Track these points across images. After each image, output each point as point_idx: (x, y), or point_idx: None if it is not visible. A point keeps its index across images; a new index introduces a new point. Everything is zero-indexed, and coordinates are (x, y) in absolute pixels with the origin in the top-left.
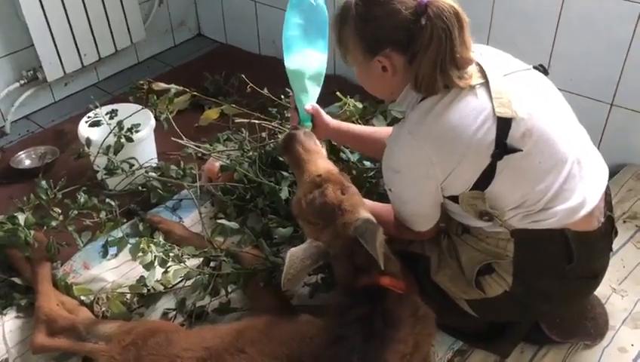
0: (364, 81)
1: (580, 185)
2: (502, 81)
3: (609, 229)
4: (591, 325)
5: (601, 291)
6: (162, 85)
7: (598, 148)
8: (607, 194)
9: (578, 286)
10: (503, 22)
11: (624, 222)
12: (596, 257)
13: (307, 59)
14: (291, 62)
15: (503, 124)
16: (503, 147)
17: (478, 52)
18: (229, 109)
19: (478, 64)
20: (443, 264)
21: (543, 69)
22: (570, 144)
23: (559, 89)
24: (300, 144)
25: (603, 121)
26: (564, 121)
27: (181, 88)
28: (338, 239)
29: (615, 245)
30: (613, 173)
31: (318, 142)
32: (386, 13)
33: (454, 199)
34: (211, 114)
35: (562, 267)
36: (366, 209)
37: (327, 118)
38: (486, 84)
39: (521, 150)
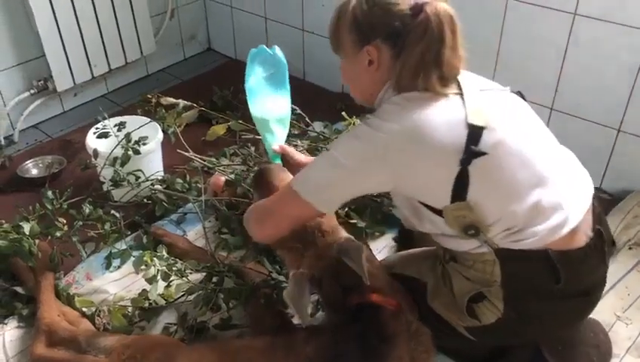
0: (349, 77)
1: (561, 204)
2: (477, 94)
3: (599, 244)
4: (593, 353)
5: (604, 319)
6: (170, 100)
7: (604, 174)
8: (596, 206)
9: (572, 306)
10: (511, 46)
11: (630, 248)
12: (586, 274)
13: (271, 105)
14: (256, 110)
15: (474, 132)
16: (469, 151)
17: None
18: (235, 125)
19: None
20: (438, 291)
21: (521, 95)
22: (546, 163)
23: (566, 113)
24: (273, 176)
25: (610, 147)
26: (540, 141)
27: (189, 103)
28: (321, 261)
29: (619, 272)
30: (619, 199)
31: (290, 175)
32: (387, 2)
33: (439, 213)
34: (218, 129)
35: (551, 288)
36: (343, 230)
37: (298, 155)
38: (461, 95)
39: (486, 153)
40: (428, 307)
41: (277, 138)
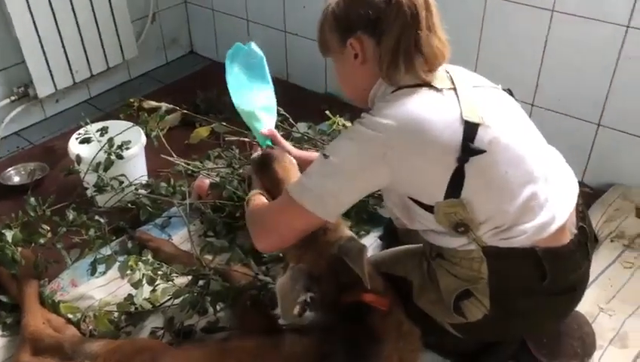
0: (342, 79)
1: (549, 202)
2: (470, 90)
3: (583, 240)
4: (578, 345)
5: (588, 311)
6: (153, 103)
7: (585, 168)
8: (579, 205)
9: (557, 302)
10: (491, 45)
11: (611, 241)
12: (571, 270)
13: (254, 96)
14: (240, 102)
15: (470, 129)
16: (467, 149)
17: (449, 68)
18: (219, 127)
19: (448, 72)
20: (425, 288)
21: (510, 93)
22: (536, 161)
23: (547, 109)
24: (276, 162)
25: (590, 142)
26: (530, 138)
27: (171, 106)
28: (321, 259)
29: (602, 265)
30: (600, 192)
31: (293, 160)
32: None
33: (430, 209)
34: (202, 132)
35: (537, 285)
36: (346, 227)
37: (286, 143)
38: (454, 90)
39: (485, 151)
40: (414, 305)
41: (265, 124)
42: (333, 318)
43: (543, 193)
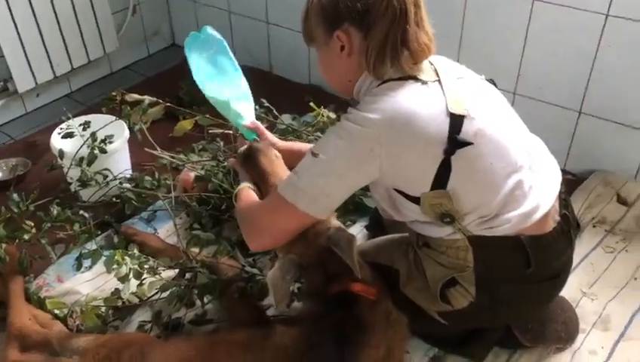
0: (326, 70)
1: (533, 191)
2: (455, 82)
3: (566, 227)
4: (562, 329)
5: (571, 295)
6: (135, 96)
7: (568, 155)
8: (562, 192)
9: (542, 289)
10: (473, 33)
11: (593, 226)
12: (555, 257)
13: (225, 85)
14: (213, 94)
15: (456, 121)
16: (454, 141)
17: (433, 60)
18: (203, 120)
19: (432, 64)
20: (411, 277)
21: (493, 83)
22: (520, 151)
23: (529, 97)
24: (262, 155)
25: (572, 129)
26: (514, 128)
27: (154, 99)
28: (310, 249)
29: (585, 250)
30: (582, 179)
31: (277, 153)
32: None
33: (416, 201)
34: (185, 124)
35: (522, 272)
36: (334, 217)
37: (270, 134)
38: (439, 82)
39: (472, 143)
40: (400, 293)
41: (245, 116)
42: (322, 308)
43: (527, 182)
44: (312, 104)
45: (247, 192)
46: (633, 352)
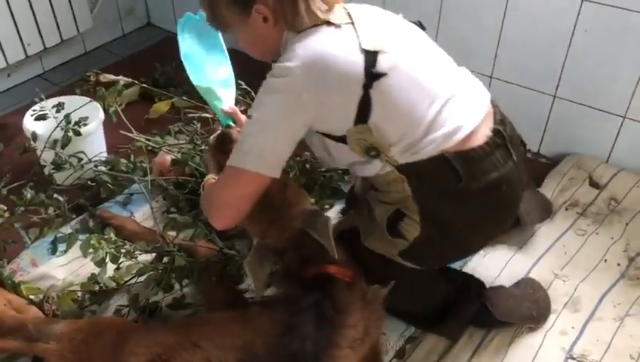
0: (251, 45)
1: (456, 115)
2: (369, 23)
3: (500, 141)
4: (533, 307)
5: (543, 277)
6: (110, 77)
7: (542, 139)
8: (497, 113)
9: (483, 202)
10: (451, 14)
11: (566, 209)
12: (490, 169)
13: (211, 70)
14: (198, 79)
15: (370, 57)
16: (370, 74)
17: (350, 7)
18: (179, 102)
19: (346, 10)
20: (368, 228)
21: (421, 25)
22: (442, 81)
23: (505, 81)
24: (234, 145)
25: (546, 112)
26: (434, 61)
27: (130, 80)
28: (285, 233)
29: (557, 232)
30: (556, 162)
31: None
32: None
33: (342, 140)
34: (161, 106)
35: (455, 187)
36: (309, 201)
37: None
38: (352, 24)
39: (385, 74)
40: (364, 248)
41: (225, 101)
42: (298, 291)
43: (448, 108)
44: None
45: (210, 182)
46: (601, 332)
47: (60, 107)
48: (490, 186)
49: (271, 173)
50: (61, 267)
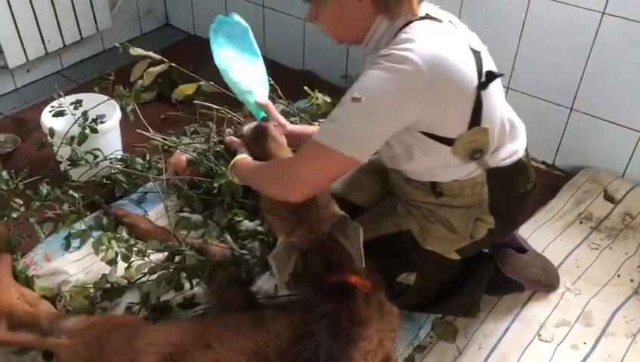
0: (336, 22)
1: (517, 122)
2: (454, 22)
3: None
4: (541, 274)
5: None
6: (140, 51)
7: (557, 151)
8: None
9: (528, 200)
10: (469, 26)
11: (580, 223)
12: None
13: (247, 71)
14: (232, 78)
15: (477, 57)
16: (487, 75)
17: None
18: (207, 87)
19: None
20: (427, 230)
21: None
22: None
23: (522, 93)
24: (271, 137)
25: (563, 125)
26: None
27: (159, 57)
28: (312, 235)
29: (570, 246)
30: (571, 175)
31: (283, 136)
32: None
33: (447, 142)
34: (187, 89)
35: (523, 190)
36: (335, 204)
37: (282, 117)
38: (450, 22)
39: (503, 74)
40: (419, 252)
41: (257, 95)
42: (317, 297)
43: (513, 117)
44: (306, 88)
45: (248, 160)
46: (614, 348)
47: (78, 104)
48: (533, 188)
49: (363, 160)
50: (74, 263)
